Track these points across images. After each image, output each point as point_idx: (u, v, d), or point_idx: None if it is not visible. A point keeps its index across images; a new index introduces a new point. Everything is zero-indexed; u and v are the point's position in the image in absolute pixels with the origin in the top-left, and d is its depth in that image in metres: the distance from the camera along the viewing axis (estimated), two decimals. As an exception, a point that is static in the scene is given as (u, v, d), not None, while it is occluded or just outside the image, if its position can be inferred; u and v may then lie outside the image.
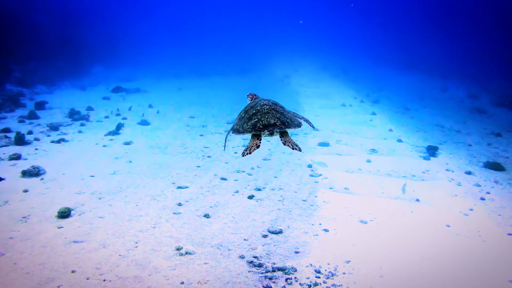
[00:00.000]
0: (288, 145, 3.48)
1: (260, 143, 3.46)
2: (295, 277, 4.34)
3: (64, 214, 5.42)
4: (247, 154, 3.40)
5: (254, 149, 3.42)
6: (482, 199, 7.03)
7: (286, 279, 4.30)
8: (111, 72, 23.49)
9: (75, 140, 9.53)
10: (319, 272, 4.45)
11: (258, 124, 3.45)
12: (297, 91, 19.72)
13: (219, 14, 51.70)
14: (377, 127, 12.73)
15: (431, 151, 9.77)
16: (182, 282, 4.14)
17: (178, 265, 4.46)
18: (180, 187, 6.83)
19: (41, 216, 5.39)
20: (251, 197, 6.55)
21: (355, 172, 8.20)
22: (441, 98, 19.59)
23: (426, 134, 12.20)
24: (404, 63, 29.74)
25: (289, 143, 3.49)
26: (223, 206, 6.18)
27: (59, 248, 4.63)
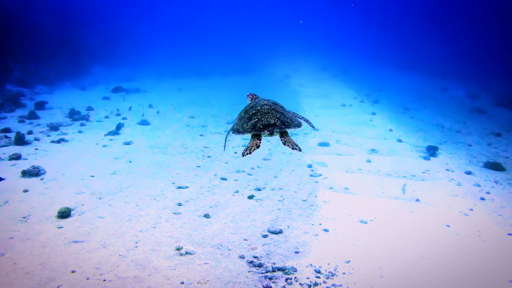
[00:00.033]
0: (288, 145, 3.48)
1: (260, 143, 3.46)
2: (295, 277, 4.34)
3: (64, 214, 5.42)
4: (247, 154, 3.40)
5: (254, 149, 3.42)
6: (482, 199, 7.03)
7: (286, 279, 4.30)
8: (111, 72, 23.49)
9: (75, 140, 9.53)
10: (319, 272, 4.45)
11: (258, 124, 3.45)
12: (297, 91, 19.72)
13: (219, 14, 51.73)
14: (377, 127, 12.73)
15: (431, 151, 9.76)
16: (182, 282, 4.14)
17: (178, 265, 4.46)
18: (180, 187, 6.83)
19: (41, 216, 5.40)
20: (251, 197, 6.55)
21: (355, 172, 8.20)
22: (441, 98, 19.59)
23: (426, 134, 12.20)
24: (404, 63, 29.76)
25: (289, 143, 3.49)
26: (223, 206, 6.18)
27: (59, 248, 4.63)
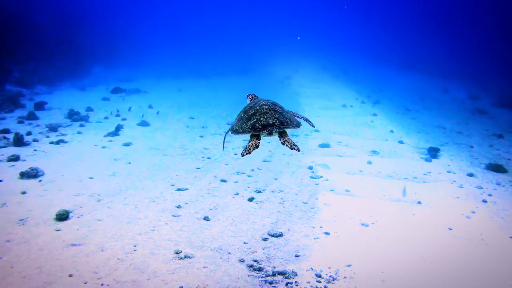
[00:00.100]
0: (287, 145, 3.49)
1: (259, 143, 3.48)
2: (296, 282, 4.29)
3: (62, 216, 5.36)
4: (247, 154, 3.42)
5: (254, 149, 3.44)
6: (484, 201, 6.96)
7: (287, 284, 4.24)
8: (111, 72, 23.43)
9: (74, 141, 9.48)
10: (319, 276, 4.40)
11: (257, 124, 3.47)
12: (297, 91, 19.67)
13: (219, 14, 51.69)
14: (378, 128, 12.67)
15: (433, 153, 9.71)
16: (181, 287, 4.08)
17: (177, 269, 4.40)
18: (180, 189, 6.78)
19: (39, 219, 5.34)
20: (251, 199, 6.49)
21: (356, 174, 8.14)
22: (442, 99, 19.54)
23: (428, 135, 12.14)
24: (404, 63, 29.73)
25: (288, 143, 3.50)
26: (223, 208, 6.12)
27: (56, 252, 4.57)
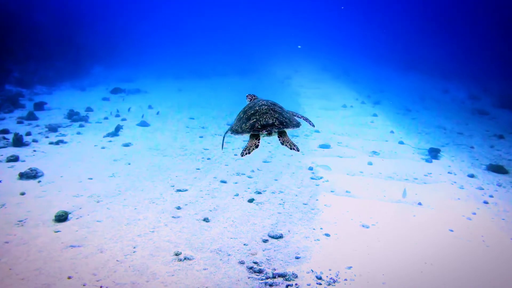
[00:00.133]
0: (286, 145, 3.51)
1: (259, 143, 3.50)
2: (296, 284, 4.26)
3: (61, 217, 5.33)
4: (246, 154, 3.44)
5: (253, 149, 3.47)
6: (485, 202, 6.94)
7: (287, 286, 4.21)
8: (111, 72, 23.40)
9: (73, 141, 9.45)
10: (320, 279, 4.37)
11: (257, 124, 3.49)
12: (297, 92, 19.64)
13: (219, 14, 51.67)
14: (378, 129, 12.65)
15: (433, 154, 9.67)
16: (181, 289, 4.05)
17: (177, 271, 4.37)
18: (180, 190, 6.75)
19: (38, 220, 5.31)
20: (251, 200, 6.47)
21: (356, 175, 8.11)
22: (442, 99, 19.51)
23: (428, 136, 12.11)
24: (404, 63, 29.71)
25: (287, 143, 3.52)
26: (223, 209, 6.10)
27: (55, 253, 4.55)
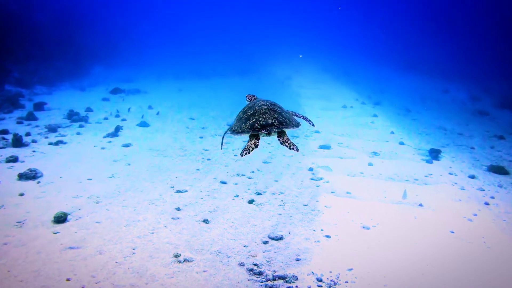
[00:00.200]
0: (285, 145, 3.53)
1: (258, 142, 3.53)
2: (296, 286, 4.22)
3: (60, 219, 5.30)
4: (246, 154, 3.47)
5: (253, 149, 3.49)
6: (486, 203, 6.90)
7: (287, 288, 4.19)
8: (111, 72, 23.37)
9: (73, 142, 9.42)
10: (320, 281, 4.34)
11: (256, 124, 3.51)
12: (297, 92, 19.61)
13: (219, 14, 51.63)
14: (379, 129, 12.62)
15: (434, 154, 9.64)
16: (180, 291, 4.02)
17: (176, 273, 4.34)
18: (179, 191, 6.72)
19: (36, 221, 5.28)
20: (251, 201, 6.44)
21: (356, 176, 8.08)
22: (443, 100, 19.49)
23: (428, 136, 12.08)
24: (404, 63, 29.69)
25: (286, 142, 3.54)
26: (223, 211, 6.07)
27: (54, 255, 4.52)
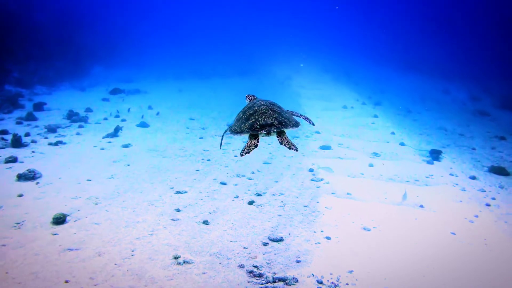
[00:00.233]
0: (285, 145, 3.55)
1: (258, 142, 3.54)
2: (297, 288, 4.20)
3: (59, 220, 5.27)
4: (245, 153, 3.48)
5: (252, 149, 3.51)
6: (488, 205, 6.87)
7: (287, 290, 4.15)
8: (110, 72, 23.34)
9: (72, 142, 9.39)
10: (321, 283, 4.30)
11: (256, 124, 3.53)
12: (298, 93, 19.58)
13: (219, 14, 51.61)
14: (379, 130, 12.58)
15: (435, 155, 9.61)
16: (179, 294, 3.99)
17: (176, 275, 4.31)
18: (179, 192, 6.69)
19: (35, 222, 5.25)
20: (251, 202, 6.40)
21: (357, 177, 8.05)
22: (443, 100, 19.45)
23: (429, 137, 12.05)
24: (404, 63, 29.67)
25: (286, 142, 3.56)
26: (223, 212, 6.03)
27: (53, 257, 4.48)
